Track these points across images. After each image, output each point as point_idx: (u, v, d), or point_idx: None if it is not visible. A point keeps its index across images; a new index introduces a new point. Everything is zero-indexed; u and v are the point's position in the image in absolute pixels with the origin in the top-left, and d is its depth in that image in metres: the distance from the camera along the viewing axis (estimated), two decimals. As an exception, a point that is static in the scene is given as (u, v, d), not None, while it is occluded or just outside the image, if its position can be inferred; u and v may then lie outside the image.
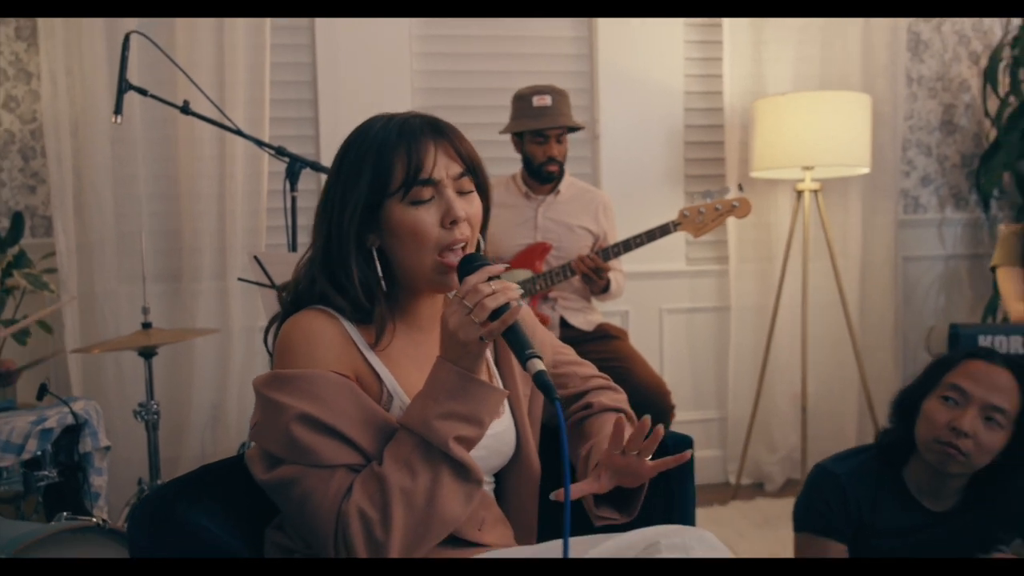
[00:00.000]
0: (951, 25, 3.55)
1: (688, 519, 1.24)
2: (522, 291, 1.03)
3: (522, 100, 2.60)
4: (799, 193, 3.07)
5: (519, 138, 2.64)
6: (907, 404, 1.57)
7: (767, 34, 3.27)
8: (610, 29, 3.25)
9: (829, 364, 3.33)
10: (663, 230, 2.47)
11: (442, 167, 1.10)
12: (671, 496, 1.24)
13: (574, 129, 2.66)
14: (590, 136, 3.29)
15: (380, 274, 1.10)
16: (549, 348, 1.30)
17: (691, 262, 3.42)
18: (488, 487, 1.19)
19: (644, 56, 3.28)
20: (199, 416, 2.98)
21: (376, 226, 1.10)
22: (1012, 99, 3.34)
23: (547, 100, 2.54)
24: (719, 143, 3.35)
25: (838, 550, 1.53)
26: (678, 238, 3.23)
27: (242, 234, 2.94)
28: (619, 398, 1.32)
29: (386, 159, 1.07)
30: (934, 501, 1.56)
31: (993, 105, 3.44)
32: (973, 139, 3.61)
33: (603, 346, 2.60)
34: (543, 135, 2.56)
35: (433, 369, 1.03)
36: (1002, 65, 3.36)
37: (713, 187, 3.34)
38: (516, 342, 1.00)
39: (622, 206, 3.13)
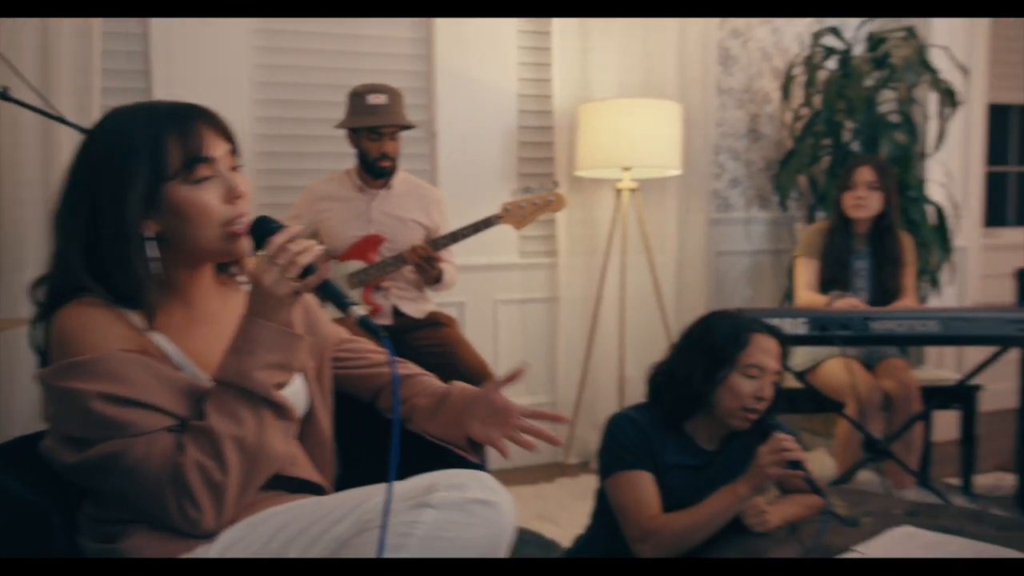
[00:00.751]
0: (756, 43, 3.94)
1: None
2: (324, 248, 1.15)
3: (357, 98, 2.71)
4: (618, 192, 3.34)
5: (355, 134, 2.75)
6: (697, 379, 1.78)
7: (593, 42, 3.52)
8: (447, 30, 3.40)
9: (644, 348, 3.61)
10: (487, 223, 2.64)
11: (215, 146, 1.17)
12: (456, 458, 1.39)
13: (407, 127, 2.79)
14: (427, 134, 3.43)
15: (159, 259, 1.15)
16: (335, 335, 1.44)
17: (524, 255, 3.63)
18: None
19: (480, 58, 3.46)
20: (22, 408, 2.91)
21: (154, 211, 1.14)
22: (805, 111, 3.74)
23: (382, 99, 2.66)
24: (549, 143, 3.58)
25: (647, 478, 1.72)
26: (511, 233, 3.42)
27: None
28: (411, 365, 1.49)
29: (162, 144, 1.12)
30: (707, 443, 1.81)
31: (790, 117, 3.84)
32: (775, 146, 4.01)
33: (432, 332, 2.75)
34: (377, 132, 2.69)
35: (244, 326, 1.13)
36: (796, 81, 3.75)
37: (545, 185, 3.59)
38: (333, 294, 1.13)
39: (459, 202, 3.29)
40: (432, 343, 2.70)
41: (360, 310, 1.11)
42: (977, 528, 1.76)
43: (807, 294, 2.95)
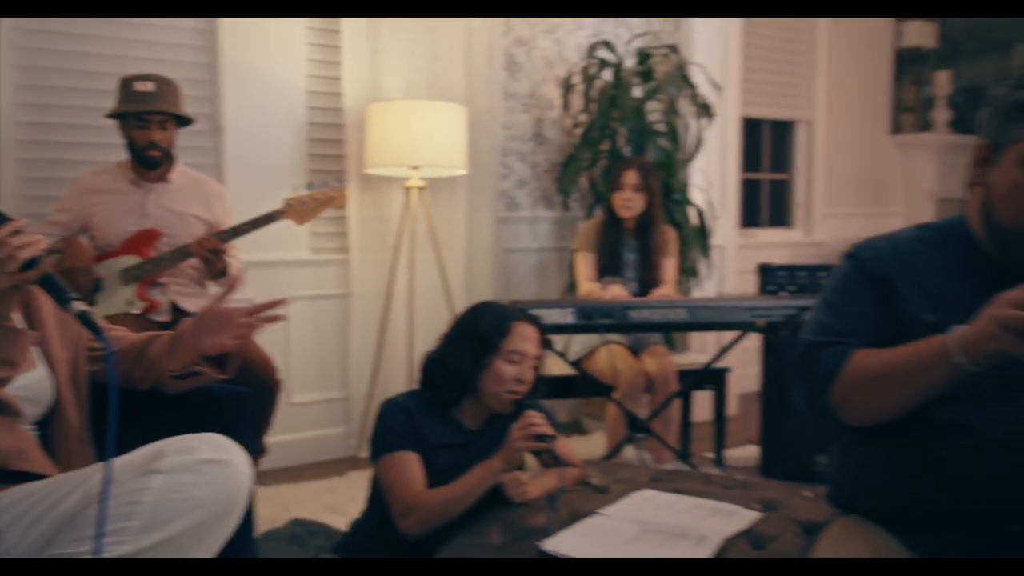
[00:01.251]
0: (540, 52, 4.17)
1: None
2: (48, 242, 1.16)
3: (125, 85, 2.64)
4: (407, 190, 3.44)
5: (122, 122, 2.66)
6: (465, 364, 1.91)
7: (382, 43, 3.59)
8: (233, 23, 3.34)
9: (433, 343, 3.72)
10: (268, 218, 2.65)
11: None
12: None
13: (184, 121, 2.73)
14: (213, 128, 3.36)
15: None
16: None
17: (315, 252, 3.64)
18: (30, 431, 1.30)
19: (268, 53, 3.43)
20: None
21: None
22: (583, 117, 4.01)
23: (149, 86, 2.60)
24: (339, 140, 3.61)
25: (413, 458, 1.81)
26: (301, 230, 3.43)
27: None
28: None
29: None
30: (472, 423, 1.94)
31: (569, 123, 4.10)
32: (558, 149, 4.26)
33: (214, 327, 2.71)
34: (143, 119, 2.62)
35: None
36: (575, 89, 4.02)
37: (329, 182, 3.61)
38: (55, 288, 1.13)
39: (247, 197, 3.26)
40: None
41: (80, 306, 1.12)
42: (705, 487, 2.01)
43: (587, 285, 3.19)
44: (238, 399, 1.43)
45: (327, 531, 2.68)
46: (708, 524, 1.70)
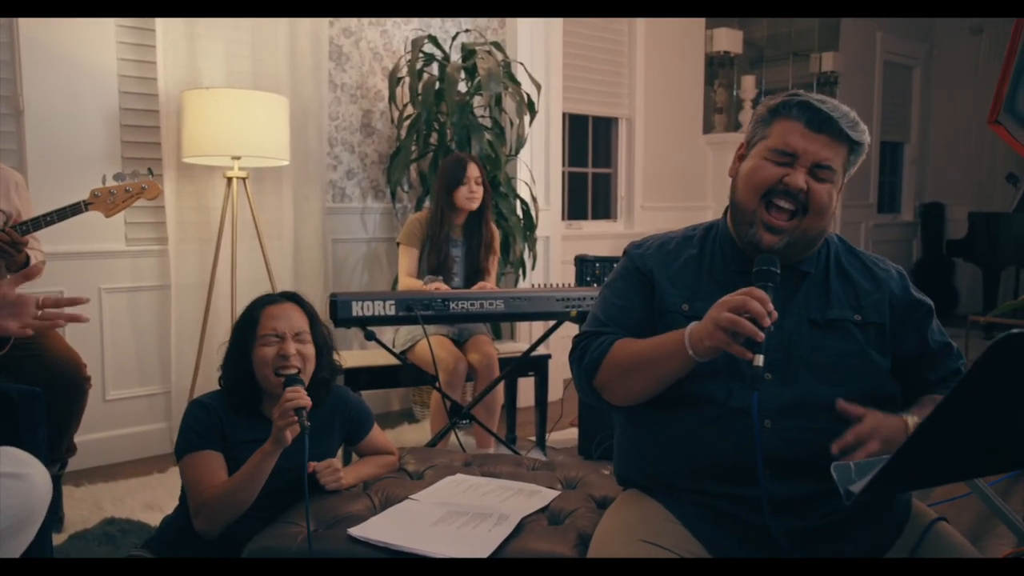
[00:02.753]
0: (367, 43, 4.18)
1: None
2: None
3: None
4: (228, 180, 3.37)
5: None
6: (238, 364, 1.92)
7: (199, 29, 3.49)
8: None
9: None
10: (74, 209, 2.54)
11: None
12: (21, 445, 1.40)
13: None
14: (12, 111, 3.16)
15: None
16: None
17: (131, 242, 3.50)
18: None
19: (72, 34, 3.25)
20: None
21: None
22: (410, 110, 4.07)
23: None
24: (155, 128, 3.48)
25: (212, 457, 1.81)
26: (116, 219, 3.29)
27: None
28: None
29: None
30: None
31: (396, 115, 4.15)
32: (387, 140, 4.30)
33: (13, 324, 2.57)
34: None
35: None
36: (402, 82, 4.06)
37: (142, 172, 3.49)
38: None
39: (52, 187, 3.11)
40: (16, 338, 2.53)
41: None
42: (515, 470, 2.14)
43: (407, 280, 3.26)
44: (30, 399, 1.40)
45: (142, 528, 2.62)
46: (510, 504, 1.83)
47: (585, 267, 3.48)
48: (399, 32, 4.28)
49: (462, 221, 3.33)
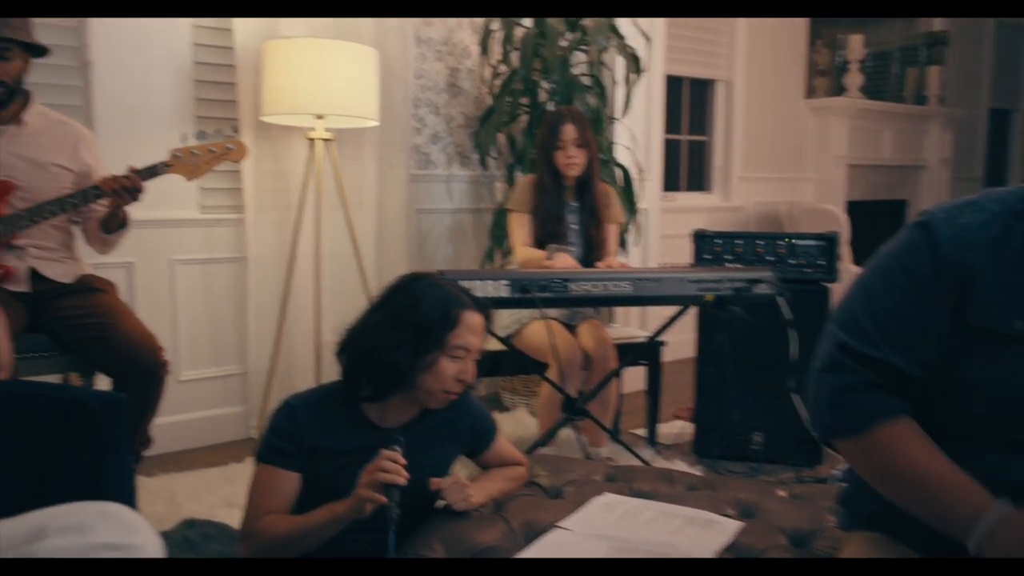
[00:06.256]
0: (456, -7, 3.81)
1: (123, 488, 1.11)
2: None
3: (-43, 6, 2.13)
4: (311, 142, 3.05)
5: None
6: (402, 359, 1.59)
7: (280, -25, 3.16)
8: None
9: (344, 311, 3.36)
10: (151, 171, 2.24)
11: None
12: (99, 465, 1.09)
13: (33, 49, 2.25)
14: (79, 63, 2.87)
15: None
16: None
17: (205, 210, 3.21)
18: None
19: (144, -21, 2.95)
20: None
21: None
22: (503, 68, 3.69)
23: (-15, 6, 2.12)
24: (231, 84, 3.17)
25: (288, 480, 1.55)
26: (189, 185, 2.99)
27: None
28: None
29: None
30: (387, 421, 1.63)
31: (488, 73, 3.78)
32: (474, 102, 3.93)
33: (82, 300, 2.28)
34: None
35: None
36: (494, 36, 3.69)
37: (224, 131, 3.18)
38: None
39: (119, 145, 2.83)
40: (82, 313, 2.24)
41: None
42: (670, 489, 1.79)
43: (526, 250, 2.89)
44: (111, 407, 1.09)
45: (223, 533, 2.32)
46: (685, 539, 1.48)
47: (704, 244, 3.09)
48: (489, -18, 3.90)
49: (572, 184, 2.95)
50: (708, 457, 3.02)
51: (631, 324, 4.10)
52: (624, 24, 3.73)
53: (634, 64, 3.59)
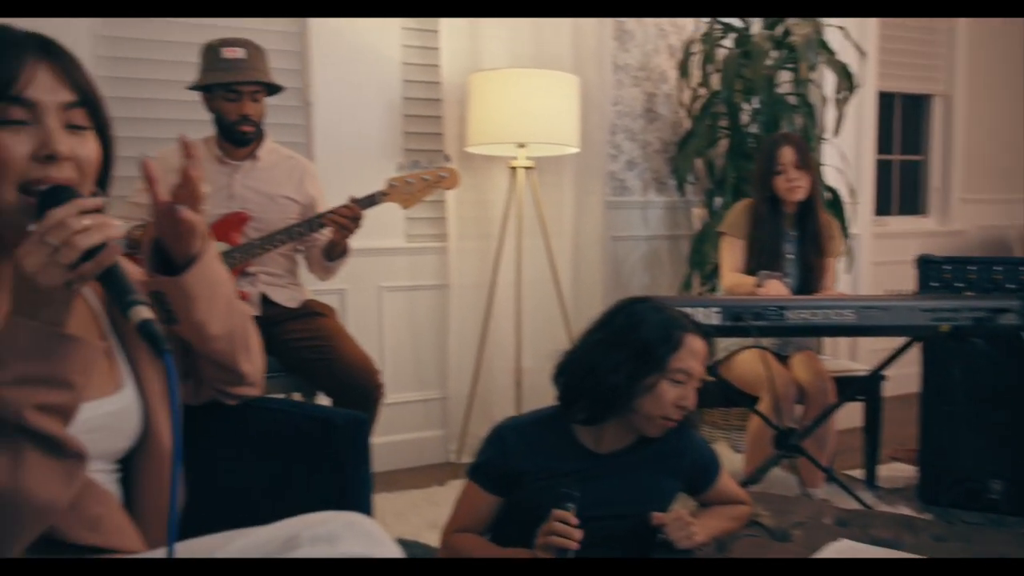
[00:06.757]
0: (652, 18, 3.77)
1: (362, 504, 1.12)
2: (125, 228, 0.85)
3: (211, 52, 2.33)
4: (513, 170, 3.09)
5: (209, 94, 2.37)
6: (621, 381, 1.55)
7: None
8: (323, -10, 3.05)
9: (542, 338, 3.39)
10: (370, 200, 2.34)
11: (44, 88, 0.88)
12: (344, 482, 1.11)
13: (273, 89, 2.44)
14: (302, 103, 3.08)
15: None
16: None
17: (411, 239, 3.33)
18: (108, 475, 0.99)
19: (360, 22, 3.13)
20: None
21: None
22: (702, 91, 3.60)
23: (239, 52, 2.30)
24: (437, 117, 3.29)
25: (487, 503, 1.56)
26: (397, 215, 3.13)
27: None
28: None
29: None
30: (600, 446, 1.58)
31: (687, 96, 3.69)
32: (671, 127, 3.86)
33: (306, 324, 2.42)
34: (235, 90, 2.32)
35: (2, 329, 0.81)
36: (693, 59, 3.60)
37: (435, 160, 3.29)
38: (116, 287, 0.83)
39: (336, 177, 2.98)
40: (307, 336, 2.37)
41: (143, 312, 0.82)
42: (915, 538, 1.61)
43: (734, 276, 2.77)
44: (355, 426, 1.11)
45: (431, 555, 2.36)
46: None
47: (930, 270, 2.82)
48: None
49: (793, 211, 2.79)
50: (936, 504, 2.73)
51: (839, 355, 3.83)
52: (834, 38, 3.53)
53: (847, 80, 3.38)
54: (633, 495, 1.58)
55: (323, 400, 2.43)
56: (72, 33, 2.65)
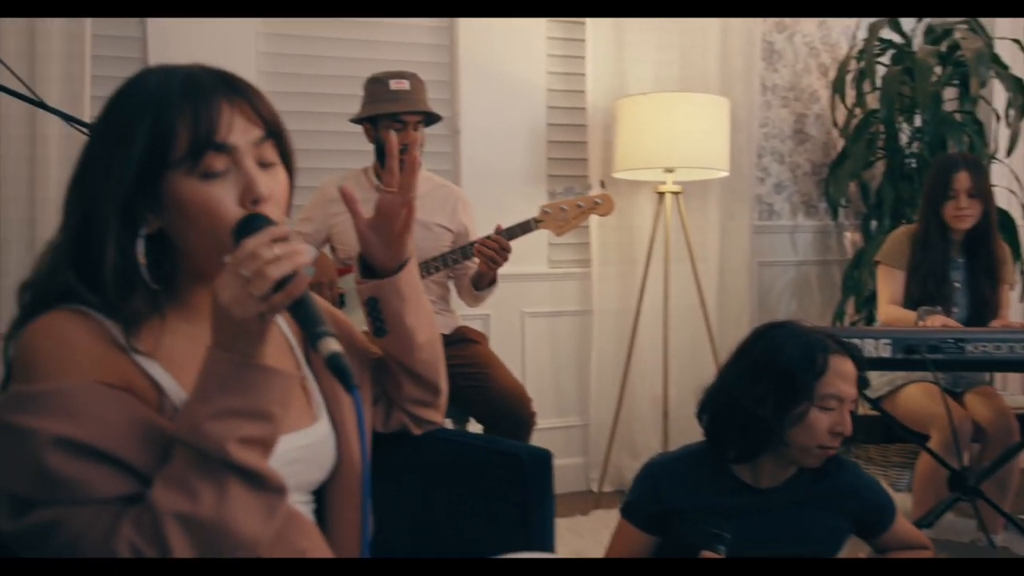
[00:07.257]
0: (802, 37, 3.65)
1: (546, 540, 1.11)
2: (313, 255, 0.86)
3: (378, 83, 2.42)
4: (660, 195, 3.04)
5: (373, 125, 2.45)
6: (767, 412, 1.48)
7: (629, 35, 3.23)
8: (472, 20, 3.12)
9: (688, 367, 3.30)
10: (524, 227, 2.35)
11: (239, 131, 0.89)
12: (527, 516, 1.10)
13: (432, 119, 2.50)
14: (450, 131, 3.15)
15: (144, 262, 0.88)
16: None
17: (553, 264, 3.33)
18: (304, 507, 1.00)
19: (506, 50, 3.18)
20: None
21: (154, 204, 0.88)
22: (858, 110, 3.44)
23: (405, 84, 2.37)
24: (582, 143, 3.29)
25: (642, 539, 1.53)
26: (539, 240, 3.14)
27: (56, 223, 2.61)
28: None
29: (167, 120, 0.86)
30: (757, 479, 1.51)
31: (841, 116, 3.54)
32: (822, 148, 3.71)
33: (461, 351, 2.44)
34: (401, 120, 2.39)
35: (204, 362, 0.83)
36: (848, 77, 3.46)
37: (584, 186, 3.29)
38: (305, 318, 0.83)
39: (482, 205, 3.00)
40: (461, 363, 2.39)
41: (332, 344, 0.81)
42: None
43: (892, 310, 2.61)
44: (540, 461, 1.10)
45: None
46: None
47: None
48: (839, 23, 3.68)
49: (961, 238, 2.62)
50: None
51: (1010, 391, 3.55)
52: (1006, 52, 3.31)
53: (1021, 95, 3.15)
54: (798, 533, 1.50)
55: (474, 427, 2.45)
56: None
